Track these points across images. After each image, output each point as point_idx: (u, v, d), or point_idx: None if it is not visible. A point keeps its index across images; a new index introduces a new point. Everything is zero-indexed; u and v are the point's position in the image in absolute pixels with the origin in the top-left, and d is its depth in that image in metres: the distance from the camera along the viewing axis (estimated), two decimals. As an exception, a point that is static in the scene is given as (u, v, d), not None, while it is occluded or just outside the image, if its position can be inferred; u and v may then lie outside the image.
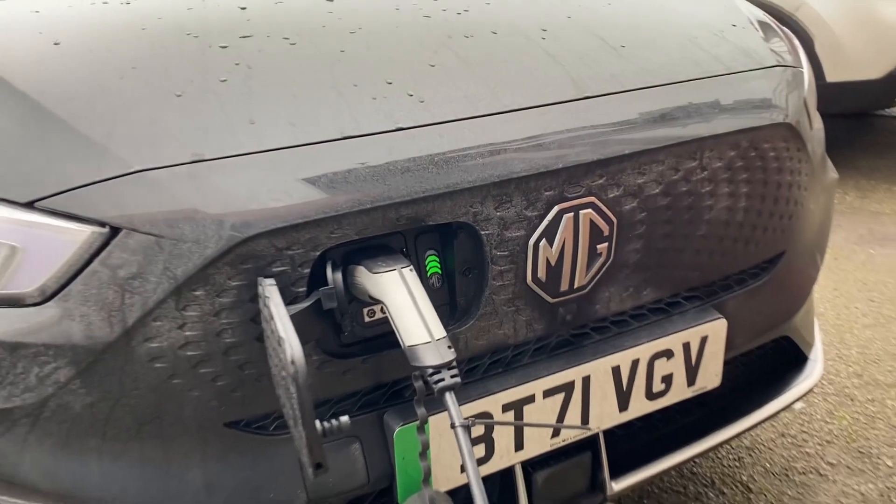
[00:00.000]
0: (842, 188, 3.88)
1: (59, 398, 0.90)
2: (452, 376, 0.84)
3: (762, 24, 1.52)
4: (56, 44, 1.07)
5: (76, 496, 0.94)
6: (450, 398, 0.84)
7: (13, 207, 0.88)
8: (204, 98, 0.97)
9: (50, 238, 0.88)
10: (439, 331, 0.87)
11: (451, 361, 0.85)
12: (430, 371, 0.84)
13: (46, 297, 0.88)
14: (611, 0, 1.36)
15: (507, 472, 1.15)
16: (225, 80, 1.00)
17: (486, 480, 1.12)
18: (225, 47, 1.07)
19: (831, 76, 3.65)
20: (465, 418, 0.84)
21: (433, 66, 1.08)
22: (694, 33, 1.33)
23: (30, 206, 0.88)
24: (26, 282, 0.89)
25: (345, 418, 0.80)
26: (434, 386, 0.84)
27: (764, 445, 1.94)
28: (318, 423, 0.76)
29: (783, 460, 1.88)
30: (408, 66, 1.07)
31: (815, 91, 1.54)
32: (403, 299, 0.88)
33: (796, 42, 1.61)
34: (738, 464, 1.88)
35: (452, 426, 0.83)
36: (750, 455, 1.91)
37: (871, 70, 3.60)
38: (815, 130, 1.44)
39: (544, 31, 1.21)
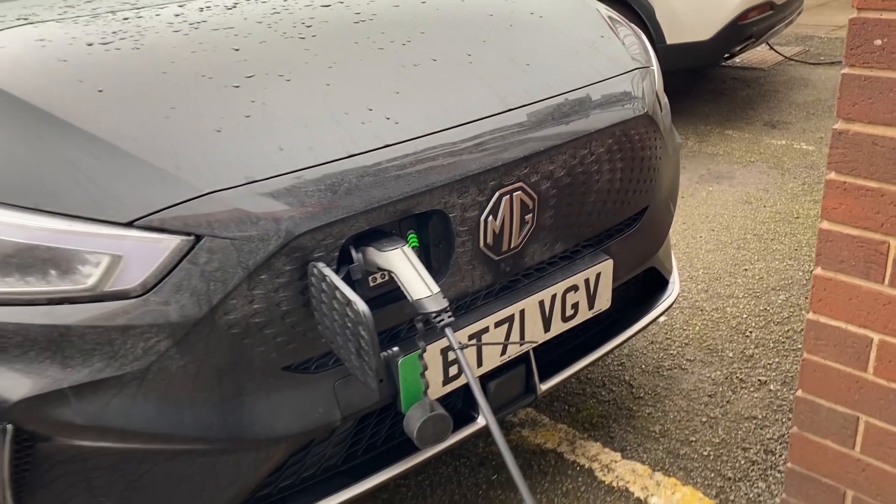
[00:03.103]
0: (684, 134, 4.54)
1: (160, 363, 1.23)
2: (449, 317, 1.25)
3: (615, 23, 1.97)
4: (100, 91, 1.35)
5: (174, 436, 1.27)
6: (449, 332, 1.24)
7: (116, 227, 1.19)
8: (238, 132, 1.30)
9: (147, 247, 1.19)
10: (435, 287, 1.26)
11: (447, 307, 1.25)
12: (434, 315, 1.24)
13: (147, 290, 1.20)
14: (511, 23, 1.77)
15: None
16: (249, 116, 1.33)
17: (456, 391, 1.54)
18: (237, 87, 1.39)
19: (670, 39, 4.25)
20: (460, 343, 1.25)
21: (398, 92, 1.45)
22: (575, 47, 1.76)
23: (129, 224, 1.19)
24: (130, 280, 1.20)
25: (395, 348, 1.19)
26: (438, 325, 1.24)
27: (639, 352, 2.48)
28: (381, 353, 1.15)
29: (654, 361, 2.43)
30: (379, 93, 1.44)
31: (662, 79, 2.02)
32: (408, 268, 1.27)
33: (644, 38, 2.08)
34: (621, 368, 2.41)
35: (452, 350, 1.23)
36: (629, 360, 2.45)
37: (702, 33, 4.23)
38: (664, 109, 1.92)
39: (470, 55, 1.60)
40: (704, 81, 5.56)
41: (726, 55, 4.49)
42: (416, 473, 1.98)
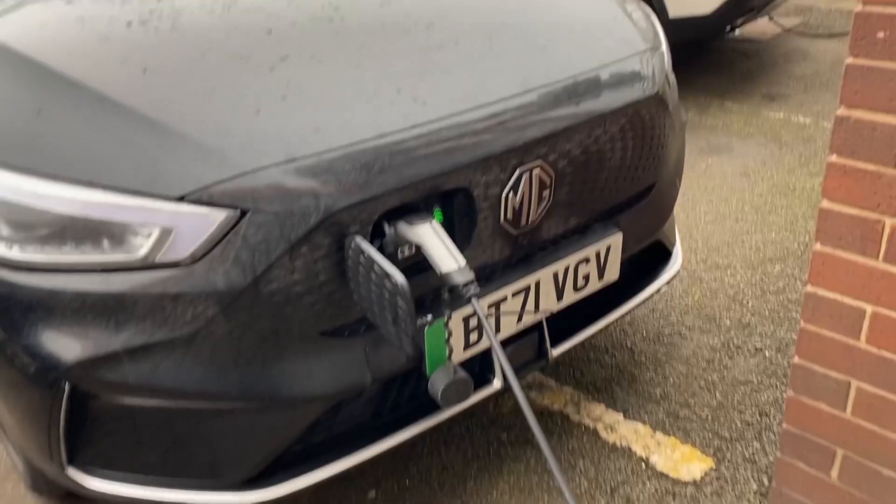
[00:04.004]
0: (684, 106, 4.61)
1: (207, 328, 1.32)
2: (475, 288, 1.34)
3: (626, 2, 2.03)
4: (144, 70, 1.42)
5: (219, 395, 1.37)
6: (476, 302, 1.33)
7: (167, 201, 1.27)
8: (276, 112, 1.37)
9: (196, 220, 1.28)
10: (462, 260, 1.36)
11: (473, 279, 1.34)
12: (461, 286, 1.33)
13: (196, 260, 1.29)
14: (527, 5, 1.83)
15: (487, 349, 1.68)
16: (286, 97, 1.41)
17: (475, 356, 1.64)
18: (273, 68, 1.46)
19: (673, 13, 4.30)
20: (486, 313, 1.35)
21: (424, 74, 1.52)
22: (589, 29, 1.83)
23: (180, 199, 1.27)
24: (180, 251, 1.29)
25: (429, 316, 1.29)
26: (465, 296, 1.33)
27: (640, 319, 2.59)
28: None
29: (655, 328, 2.54)
30: (406, 75, 1.51)
31: (671, 57, 2.09)
32: (436, 242, 1.36)
33: (654, 18, 2.15)
34: (623, 335, 2.52)
35: (478, 318, 1.33)
36: (630, 327, 2.56)
37: (704, 7, 4.28)
38: (672, 88, 1.99)
39: (490, 38, 1.67)
40: (704, 53, 5.61)
41: (728, 28, 4.54)
42: (432, 432, 2.09)
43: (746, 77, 5.05)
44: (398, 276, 1.22)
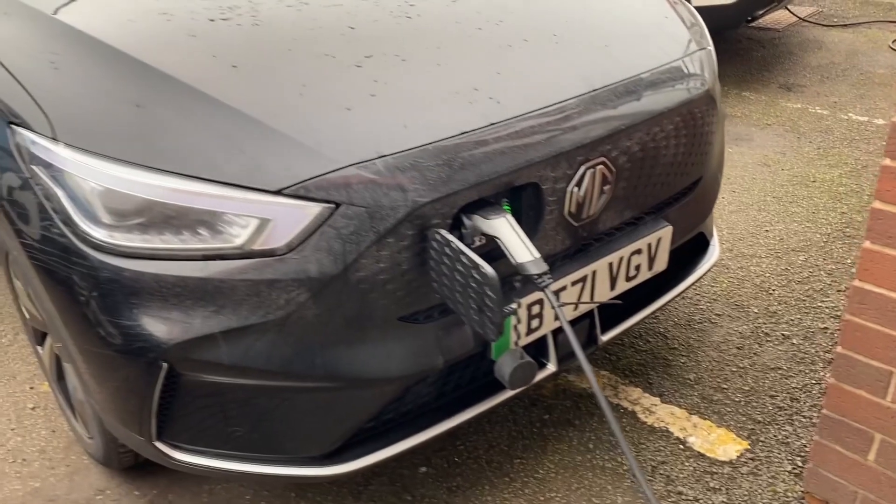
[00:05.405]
0: (703, 95, 4.66)
1: (298, 313, 1.41)
2: (549, 279, 1.43)
3: (673, 2, 2.10)
4: (234, 66, 1.49)
5: (305, 374, 1.46)
6: (549, 292, 1.42)
7: (267, 194, 1.35)
8: (365, 110, 1.45)
9: (293, 212, 1.36)
10: (536, 252, 1.44)
11: (547, 270, 1.43)
12: (535, 276, 1.42)
13: (292, 249, 1.37)
14: (584, 4, 1.90)
15: (542, 337, 1.77)
16: (374, 95, 1.48)
17: (530, 342, 1.74)
18: (360, 66, 1.53)
19: (696, 1, 4.35)
20: (560, 301, 1.44)
21: (499, 73, 1.60)
22: (643, 28, 1.90)
23: (278, 192, 1.35)
24: (277, 240, 1.37)
25: (513, 305, 1.38)
26: (539, 286, 1.42)
27: (671, 306, 2.69)
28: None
29: (685, 315, 2.63)
30: (482, 74, 1.58)
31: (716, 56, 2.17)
32: (511, 234, 1.45)
33: (699, 17, 2.22)
34: (655, 321, 2.62)
35: (553, 307, 1.42)
36: (662, 314, 2.65)
37: (727, -4, 4.34)
38: (717, 86, 2.07)
39: (555, 35, 1.75)
40: (719, 42, 5.66)
41: (749, 18, 4.60)
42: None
43: (763, 66, 5.11)
44: (488, 269, 1.31)
